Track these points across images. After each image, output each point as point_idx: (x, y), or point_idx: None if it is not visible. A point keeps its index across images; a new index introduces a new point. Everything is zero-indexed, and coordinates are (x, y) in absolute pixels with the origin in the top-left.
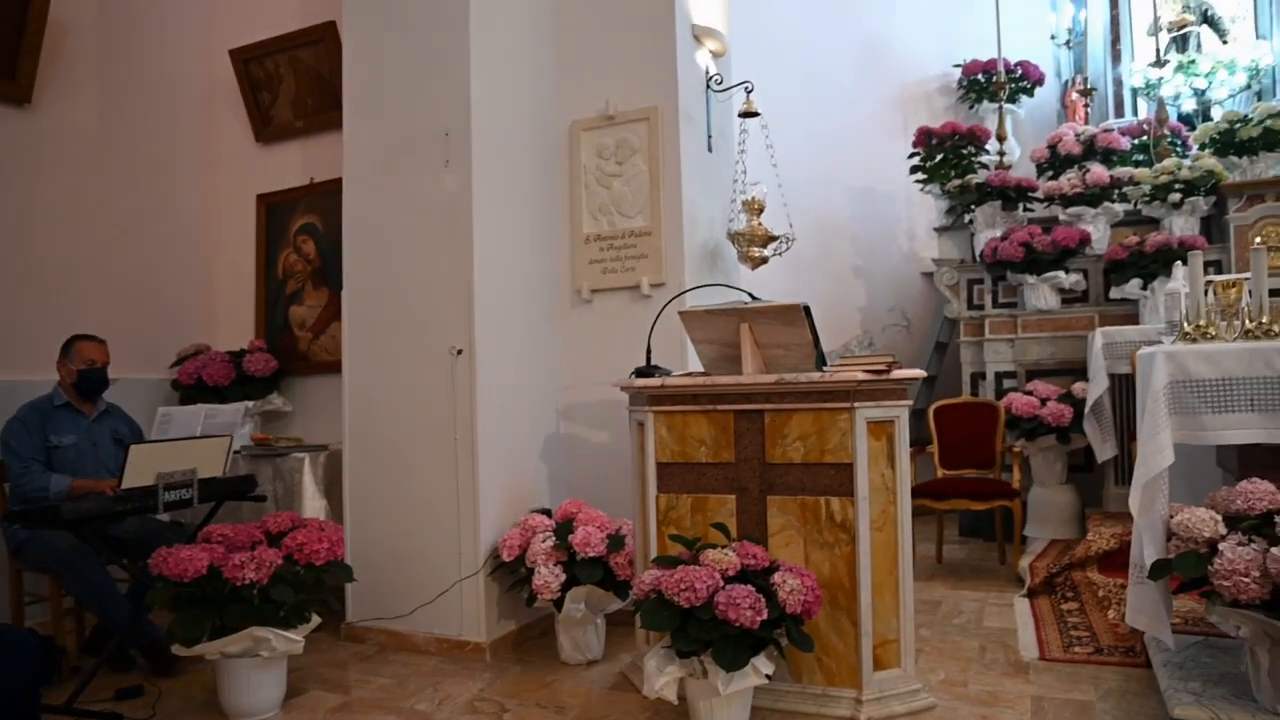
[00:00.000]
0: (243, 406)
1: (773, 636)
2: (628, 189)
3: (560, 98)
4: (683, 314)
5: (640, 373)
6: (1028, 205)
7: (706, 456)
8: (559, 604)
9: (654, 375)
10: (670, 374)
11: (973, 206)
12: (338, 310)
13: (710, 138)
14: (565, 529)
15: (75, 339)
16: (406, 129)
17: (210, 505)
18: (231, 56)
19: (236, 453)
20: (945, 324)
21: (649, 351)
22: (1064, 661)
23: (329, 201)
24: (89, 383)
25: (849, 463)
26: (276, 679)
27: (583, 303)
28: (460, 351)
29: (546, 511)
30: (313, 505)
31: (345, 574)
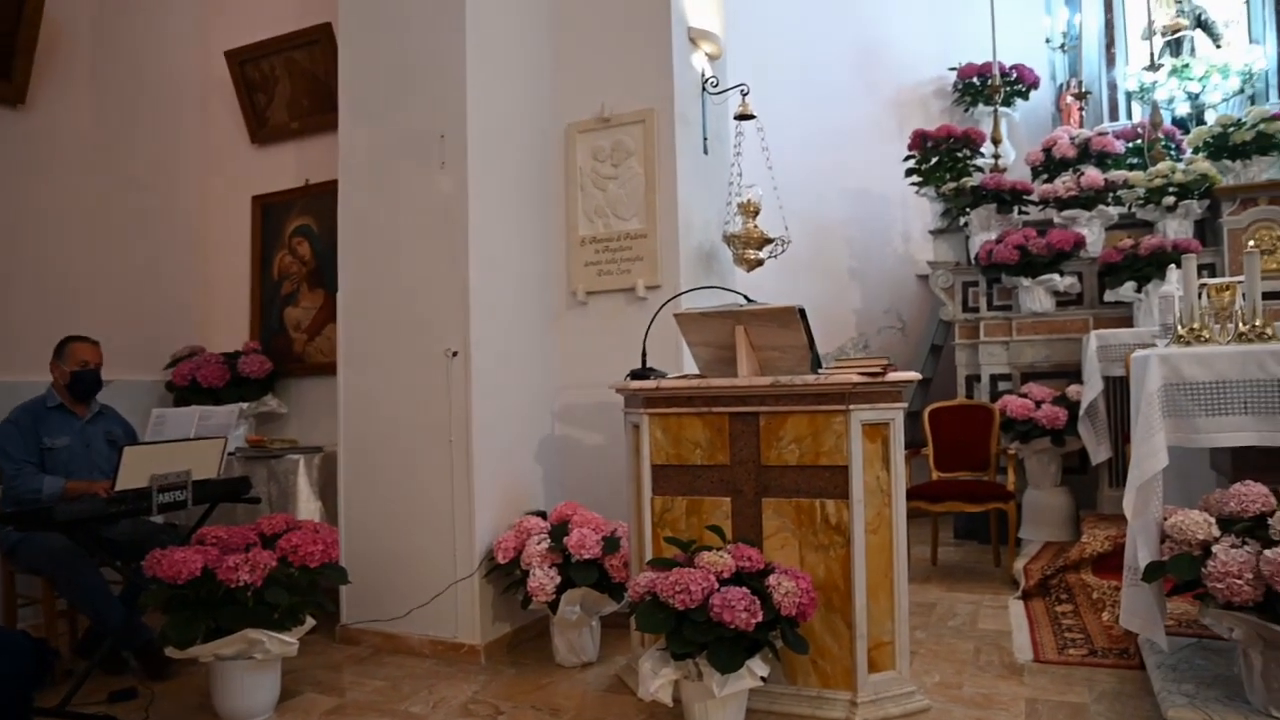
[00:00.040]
0: (237, 408)
1: (768, 639)
2: (623, 191)
3: (556, 100)
4: (678, 316)
5: (635, 375)
6: (1023, 208)
7: (702, 459)
8: (554, 606)
9: (649, 377)
10: (665, 376)
11: (968, 209)
12: (333, 312)
13: (706, 140)
14: (560, 531)
15: (68, 340)
16: (402, 131)
17: (205, 507)
18: (227, 58)
19: (231, 454)
20: (940, 326)
21: (644, 354)
22: (1058, 664)
23: (324, 203)
24: (82, 384)
25: (844, 465)
26: (270, 681)
27: (578, 305)
28: (455, 353)
29: (542, 513)
30: (307, 507)
31: (340, 576)
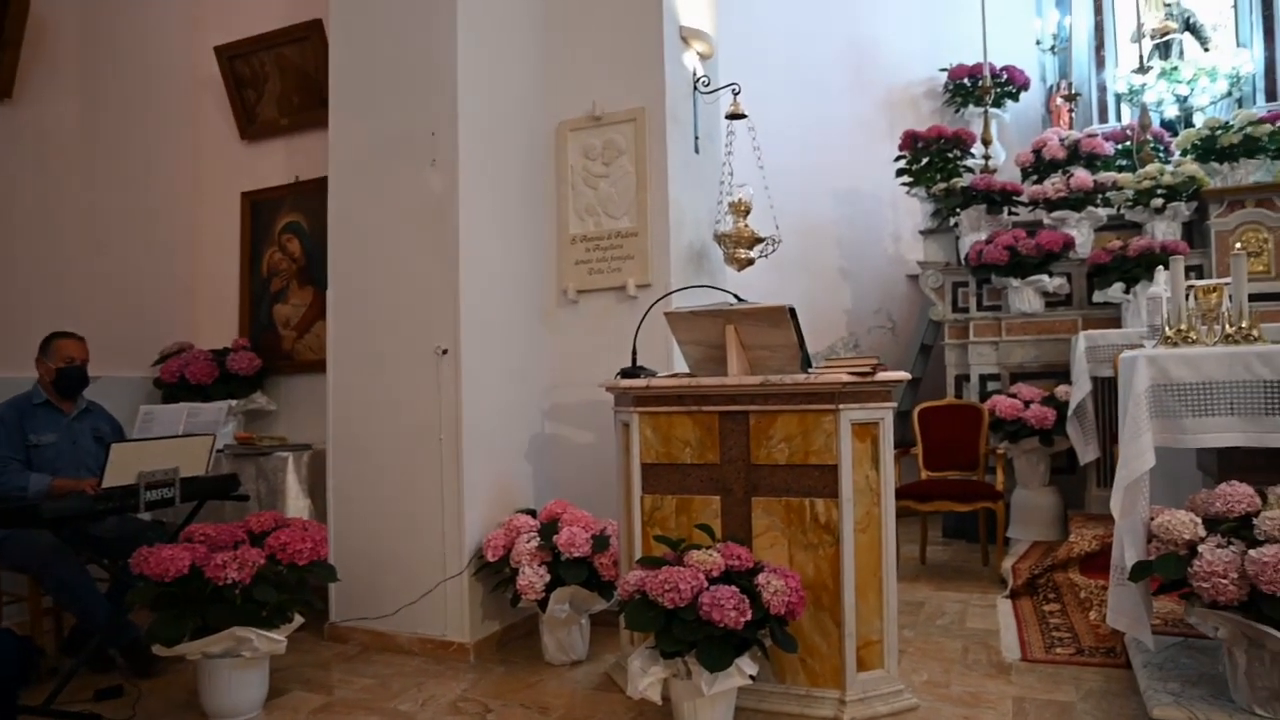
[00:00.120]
0: (226, 405)
1: (757, 637)
2: (614, 190)
3: (547, 98)
4: (668, 315)
5: (626, 373)
6: (1012, 209)
7: (691, 457)
8: (543, 604)
9: (639, 376)
10: (656, 375)
11: (958, 210)
12: (322, 309)
13: (697, 139)
14: (550, 529)
15: (54, 336)
16: (392, 128)
17: (192, 505)
18: (217, 53)
19: (219, 452)
20: (930, 326)
21: (634, 352)
22: (1046, 662)
23: (314, 200)
24: (68, 381)
25: (833, 464)
26: (258, 679)
27: (569, 303)
28: (445, 351)
29: (531, 512)
30: (296, 505)
31: (328, 574)
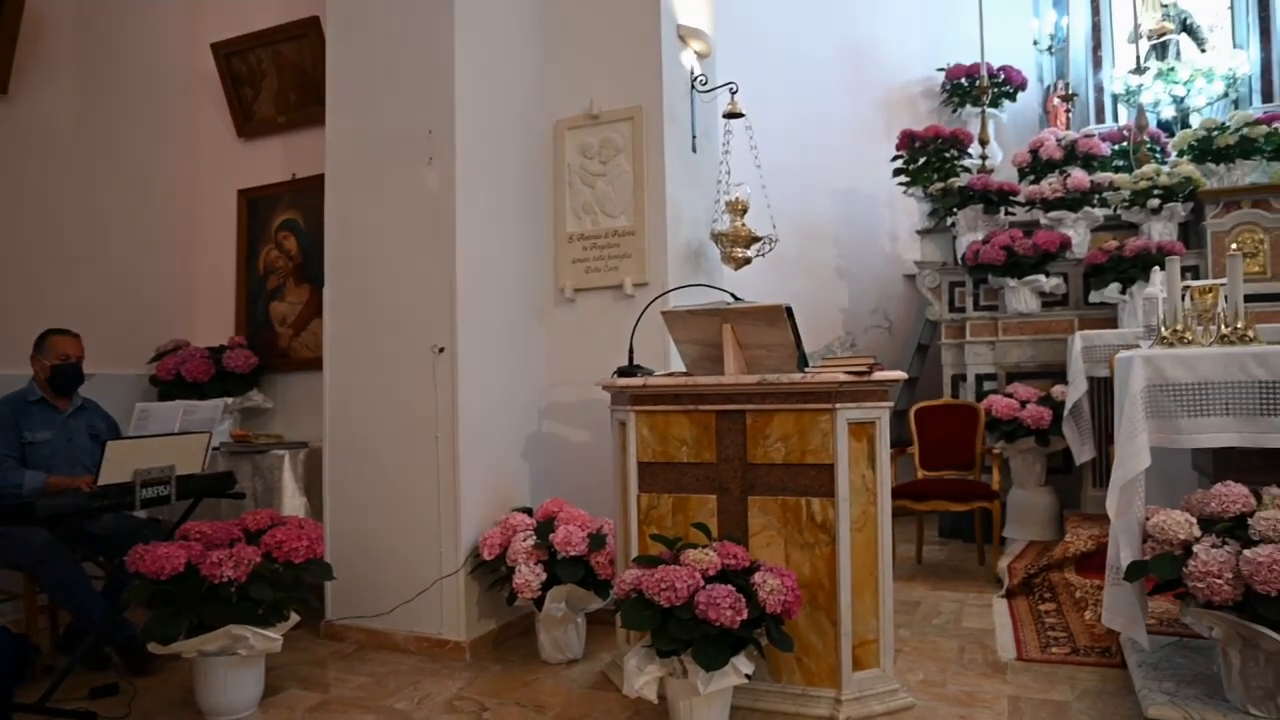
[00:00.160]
0: (222, 403)
1: (753, 636)
2: (611, 188)
3: (545, 96)
4: (665, 314)
5: (622, 372)
6: (1009, 209)
7: (688, 456)
8: (539, 603)
9: (636, 375)
10: (652, 374)
11: (955, 209)
12: (319, 307)
13: (694, 138)
14: (546, 528)
15: (48, 333)
16: (389, 126)
17: (188, 502)
18: (213, 50)
19: (215, 449)
20: (927, 326)
21: (631, 351)
22: (1041, 662)
23: (311, 197)
24: (63, 378)
25: (830, 463)
26: (254, 677)
27: (566, 302)
28: (442, 350)
29: (528, 510)
30: (292, 503)
31: (324, 572)
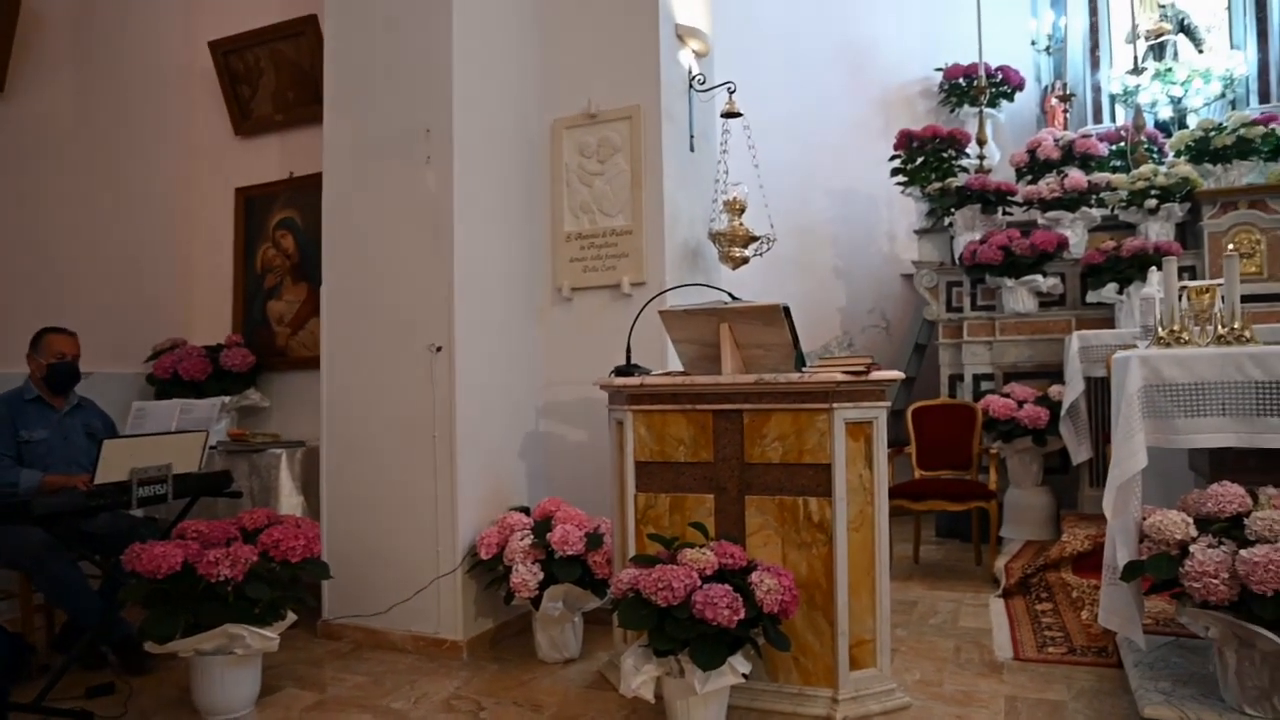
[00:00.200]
0: (219, 402)
1: (750, 636)
2: (609, 188)
3: (542, 95)
4: (663, 313)
5: (620, 371)
6: (1007, 209)
7: (685, 456)
8: (536, 602)
9: (634, 374)
10: (650, 373)
11: (952, 209)
12: (316, 306)
13: (692, 137)
14: (543, 527)
15: (44, 332)
16: (388, 125)
17: (185, 501)
18: (211, 48)
19: (212, 448)
20: (924, 326)
21: (629, 350)
22: (1038, 661)
23: (309, 196)
24: (59, 376)
25: (827, 463)
26: (251, 677)
27: (563, 301)
28: (439, 349)
29: (525, 509)
30: (289, 502)
31: (321, 571)
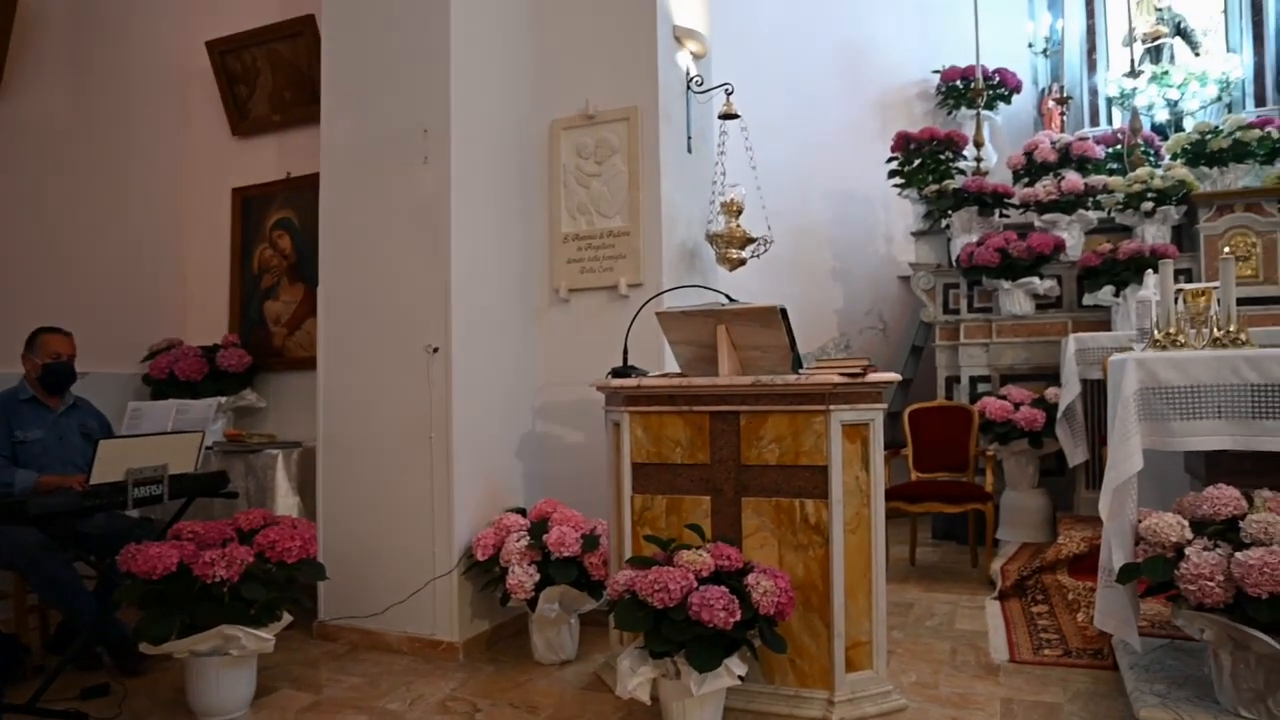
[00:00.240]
0: (215, 402)
1: (746, 638)
2: (606, 189)
3: (540, 96)
4: (660, 315)
5: (617, 373)
6: (1004, 211)
7: (682, 457)
8: (533, 604)
9: (630, 375)
10: (647, 374)
11: (950, 211)
12: (313, 306)
13: (690, 139)
14: (540, 528)
15: (40, 332)
16: (385, 125)
17: (181, 502)
18: (208, 48)
19: (209, 449)
20: (921, 328)
21: (626, 352)
22: (1033, 664)
23: (306, 196)
24: (54, 376)
25: (824, 465)
26: (246, 678)
27: (560, 302)
28: (436, 349)
29: (521, 510)
30: (285, 503)
31: (317, 572)
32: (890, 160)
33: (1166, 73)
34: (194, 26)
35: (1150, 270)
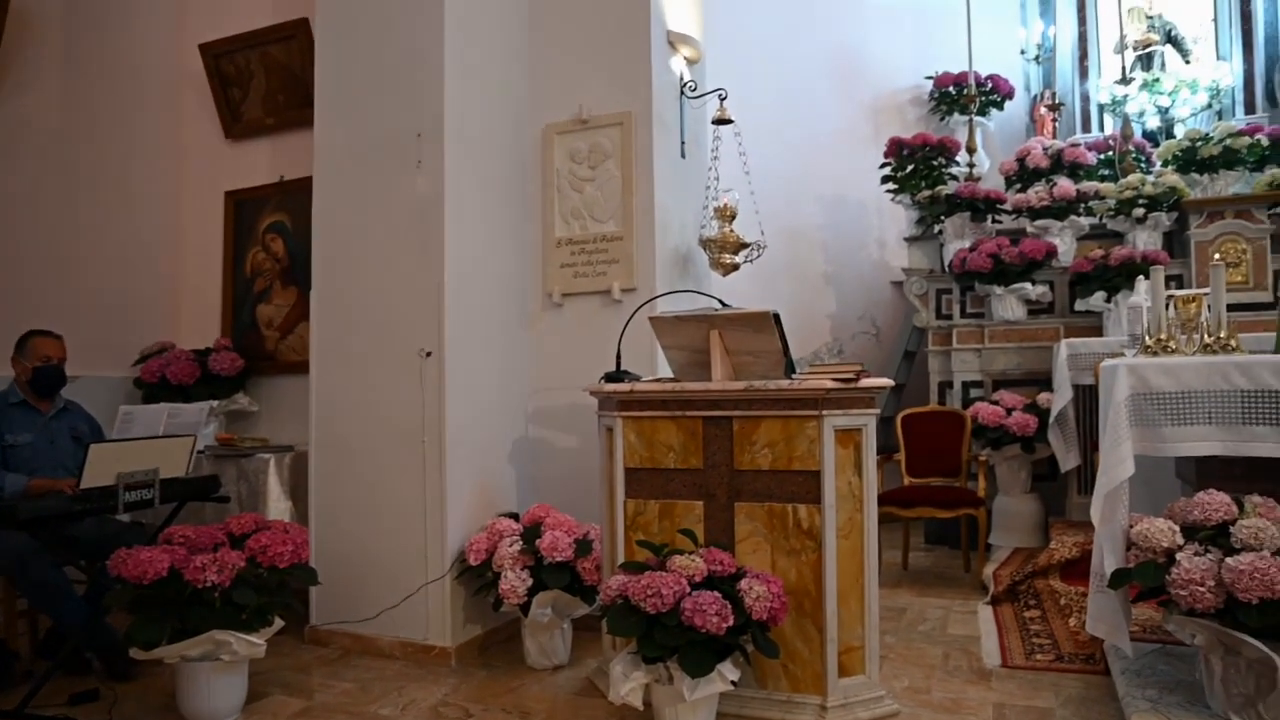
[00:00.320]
0: (207, 406)
1: (739, 643)
2: (600, 193)
3: (534, 101)
4: (653, 320)
5: (610, 378)
6: (996, 217)
7: (675, 462)
8: (525, 609)
9: (623, 380)
10: (640, 379)
11: (942, 217)
12: (306, 310)
13: (683, 144)
14: (533, 533)
15: (30, 334)
16: (379, 129)
17: (172, 506)
18: (202, 51)
19: (200, 453)
20: (914, 333)
21: (619, 356)
22: (1026, 669)
23: (299, 200)
24: (45, 380)
25: (816, 470)
26: (237, 683)
27: (553, 307)
28: (429, 354)
29: (514, 515)
30: (277, 507)
31: (309, 577)
32: (883, 166)
33: (1157, 80)
34: (187, 29)
35: (1142, 276)
